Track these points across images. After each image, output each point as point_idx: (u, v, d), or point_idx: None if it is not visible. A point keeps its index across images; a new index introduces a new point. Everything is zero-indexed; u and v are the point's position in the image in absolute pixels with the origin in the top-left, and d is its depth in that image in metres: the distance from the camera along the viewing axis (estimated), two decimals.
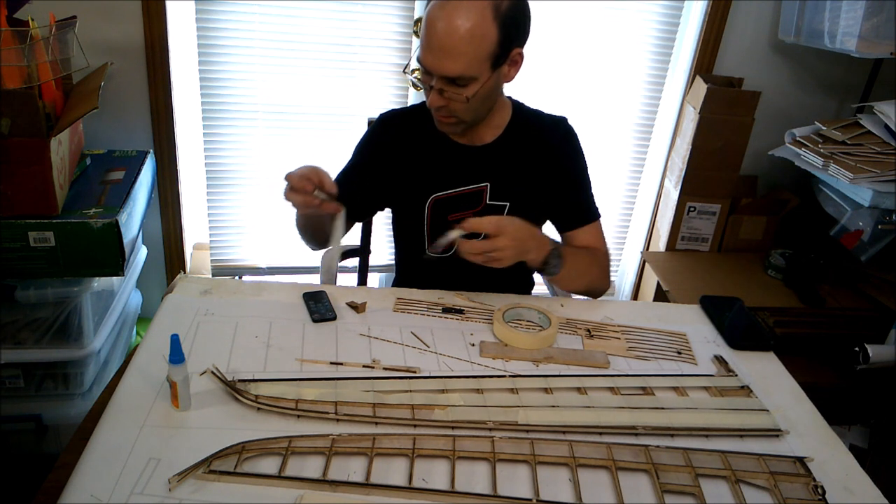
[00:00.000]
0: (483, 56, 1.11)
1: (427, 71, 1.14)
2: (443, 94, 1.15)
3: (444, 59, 1.10)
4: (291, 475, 0.82)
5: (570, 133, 1.35)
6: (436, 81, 1.14)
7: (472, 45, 1.09)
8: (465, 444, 0.89)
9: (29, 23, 1.46)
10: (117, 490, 0.78)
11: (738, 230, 2.24)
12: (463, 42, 1.08)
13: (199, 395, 0.93)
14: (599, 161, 2.28)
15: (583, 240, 1.35)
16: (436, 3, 1.09)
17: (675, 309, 1.32)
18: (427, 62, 1.12)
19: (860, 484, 0.90)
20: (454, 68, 1.11)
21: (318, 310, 1.16)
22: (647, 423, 0.95)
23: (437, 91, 1.14)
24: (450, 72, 1.11)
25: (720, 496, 0.85)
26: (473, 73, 1.12)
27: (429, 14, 1.10)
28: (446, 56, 1.10)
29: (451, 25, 1.07)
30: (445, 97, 1.15)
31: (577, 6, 2.07)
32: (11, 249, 1.41)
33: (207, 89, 1.98)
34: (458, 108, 1.17)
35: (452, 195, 1.31)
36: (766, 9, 2.15)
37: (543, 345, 1.13)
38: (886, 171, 1.80)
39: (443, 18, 1.08)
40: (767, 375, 1.12)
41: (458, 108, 1.17)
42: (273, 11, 1.92)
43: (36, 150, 1.36)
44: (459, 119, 1.20)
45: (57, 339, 1.57)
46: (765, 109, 2.13)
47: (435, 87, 1.14)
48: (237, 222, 2.20)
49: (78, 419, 1.58)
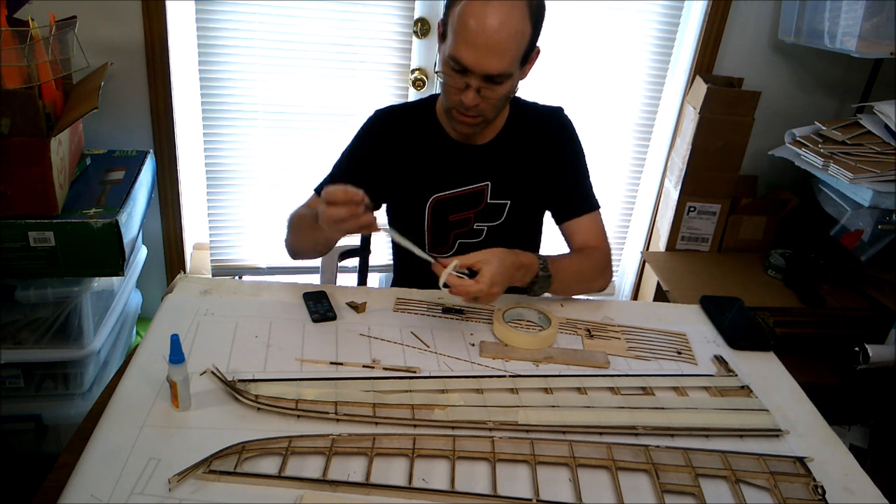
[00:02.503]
0: (520, 53, 1.12)
1: (462, 69, 1.11)
2: (479, 93, 1.13)
3: (490, 56, 1.08)
4: (291, 475, 0.82)
5: (567, 123, 1.34)
6: (474, 80, 1.11)
7: (515, 41, 1.09)
8: (465, 444, 0.89)
9: (29, 23, 1.45)
10: (117, 490, 0.78)
11: (738, 230, 2.24)
12: (509, 39, 1.08)
13: (199, 395, 0.93)
14: (600, 161, 2.28)
15: (581, 231, 1.34)
16: (476, 2, 1.07)
17: (675, 309, 1.32)
18: (468, 60, 1.09)
19: (860, 484, 0.90)
20: (499, 66, 1.09)
21: (318, 310, 1.16)
22: (647, 423, 0.95)
23: (475, 90, 1.12)
24: (494, 69, 1.10)
25: (720, 496, 0.85)
26: (512, 71, 1.12)
27: (469, 11, 1.07)
28: (492, 53, 1.08)
29: (498, 22, 1.06)
30: (481, 96, 1.13)
31: (576, 6, 2.07)
32: (11, 249, 1.41)
33: (207, 89, 1.98)
34: (487, 108, 1.16)
35: (453, 195, 1.31)
36: (766, 9, 2.15)
37: (543, 345, 1.13)
38: (886, 171, 1.80)
39: (489, 15, 1.06)
40: (767, 375, 1.12)
41: (488, 108, 1.16)
42: (273, 11, 1.92)
43: (36, 150, 1.36)
44: (485, 118, 1.19)
45: (57, 339, 1.57)
46: (765, 109, 2.13)
47: (472, 86, 1.12)
48: (237, 222, 2.20)
49: (78, 419, 1.58)
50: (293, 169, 2.14)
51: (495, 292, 1.08)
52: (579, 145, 1.34)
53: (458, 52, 1.10)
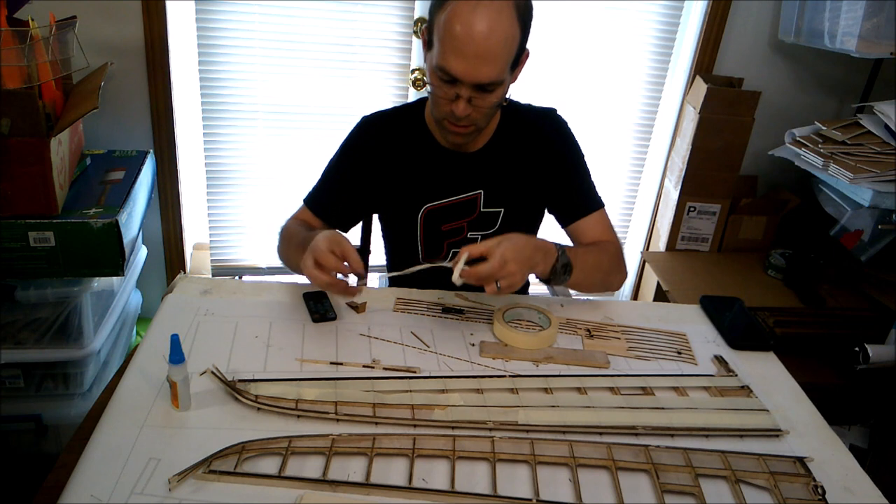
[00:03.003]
0: (511, 58, 1.07)
1: (452, 80, 1.06)
2: (470, 102, 1.08)
3: (481, 65, 1.04)
4: (291, 475, 0.82)
5: (561, 124, 1.30)
6: (464, 90, 1.07)
7: (506, 48, 1.05)
8: (465, 444, 0.89)
9: (29, 23, 1.45)
10: (117, 490, 0.78)
11: (738, 230, 2.24)
12: (499, 46, 1.03)
13: (199, 395, 0.93)
14: (600, 161, 2.28)
15: (589, 231, 1.30)
16: (461, 8, 1.01)
17: (675, 309, 1.32)
18: (458, 70, 1.04)
19: (860, 484, 0.90)
20: (490, 74, 1.05)
21: (318, 310, 1.16)
22: (647, 423, 0.95)
23: (466, 100, 1.08)
24: (486, 78, 1.05)
25: (720, 496, 0.85)
26: (503, 77, 1.08)
27: (456, 19, 1.02)
28: (483, 62, 1.03)
29: (487, 28, 1.01)
30: (473, 105, 1.09)
31: (576, 6, 2.07)
32: (11, 249, 1.41)
33: (207, 89, 1.98)
34: (479, 117, 1.12)
35: (445, 205, 1.28)
36: (766, 9, 2.15)
37: (543, 345, 1.12)
38: (886, 171, 1.80)
39: (477, 22, 1.01)
40: (767, 375, 1.12)
41: (480, 117, 1.12)
42: (273, 11, 1.92)
43: (36, 150, 1.36)
44: (477, 127, 1.16)
45: (57, 339, 1.57)
46: (765, 109, 2.13)
47: (463, 96, 1.07)
48: (237, 222, 2.20)
49: (78, 419, 1.58)
50: (293, 169, 2.14)
51: (512, 270, 1.01)
52: (576, 145, 1.31)
53: (446, 62, 1.05)
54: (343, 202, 1.31)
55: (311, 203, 1.32)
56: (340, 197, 1.30)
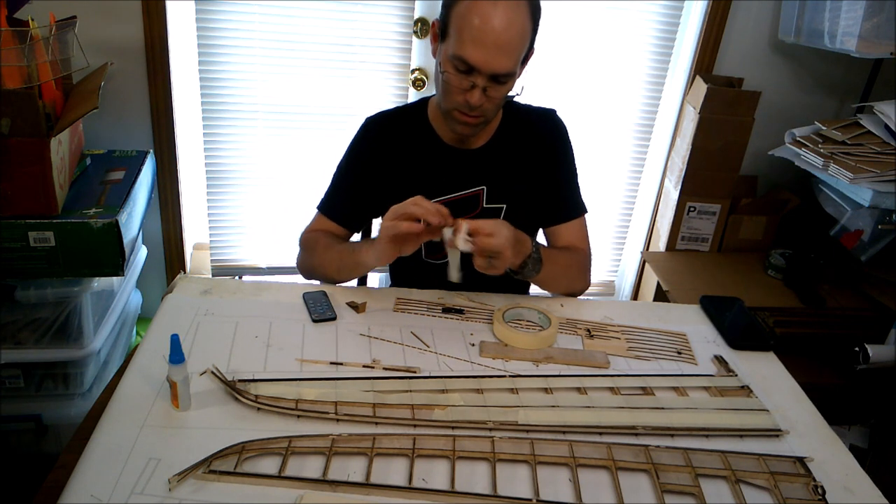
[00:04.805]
0: (523, 53, 1.13)
1: (469, 69, 1.10)
2: (485, 93, 1.12)
3: (499, 55, 1.08)
4: (291, 475, 0.82)
5: (559, 126, 1.34)
6: (480, 79, 1.11)
7: (521, 40, 1.10)
8: (465, 444, 0.89)
9: (29, 23, 1.45)
10: (117, 490, 0.78)
11: (738, 230, 2.24)
12: (516, 39, 1.09)
13: (199, 395, 0.93)
14: (599, 161, 2.28)
15: (567, 235, 1.34)
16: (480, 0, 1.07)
17: (675, 309, 1.32)
18: (476, 59, 1.09)
19: (860, 484, 0.90)
20: (507, 65, 1.10)
21: (318, 310, 1.16)
22: (647, 423, 0.95)
23: (481, 89, 1.12)
24: (503, 68, 1.10)
25: (720, 496, 0.85)
26: (516, 70, 1.13)
27: (475, 10, 1.07)
28: (501, 52, 1.08)
29: (507, 21, 1.06)
30: (487, 95, 1.13)
31: (576, 6, 2.07)
32: (11, 249, 1.41)
33: (207, 89, 1.98)
34: (490, 108, 1.16)
35: (449, 200, 1.30)
36: (766, 9, 2.15)
37: (543, 345, 1.13)
38: (886, 171, 1.80)
39: (497, 16, 1.06)
40: (767, 375, 1.12)
41: (491, 108, 1.16)
42: (273, 11, 1.92)
43: (36, 150, 1.36)
44: (486, 118, 1.19)
45: (57, 339, 1.57)
46: (765, 109, 2.13)
47: (479, 86, 1.11)
48: (237, 222, 2.20)
49: (78, 419, 1.58)
50: (293, 169, 2.14)
51: (508, 256, 1.07)
52: (570, 149, 1.34)
53: (464, 52, 1.09)
54: (358, 205, 1.33)
55: (327, 210, 1.34)
56: (355, 200, 1.32)
